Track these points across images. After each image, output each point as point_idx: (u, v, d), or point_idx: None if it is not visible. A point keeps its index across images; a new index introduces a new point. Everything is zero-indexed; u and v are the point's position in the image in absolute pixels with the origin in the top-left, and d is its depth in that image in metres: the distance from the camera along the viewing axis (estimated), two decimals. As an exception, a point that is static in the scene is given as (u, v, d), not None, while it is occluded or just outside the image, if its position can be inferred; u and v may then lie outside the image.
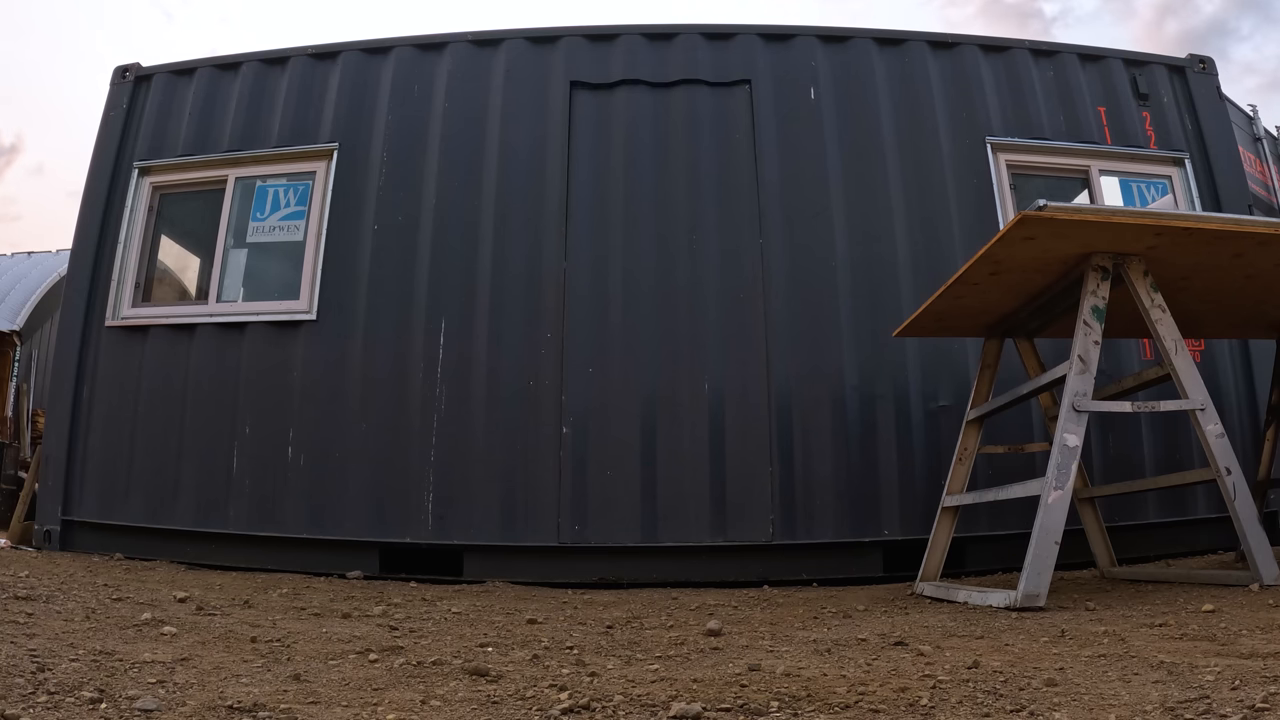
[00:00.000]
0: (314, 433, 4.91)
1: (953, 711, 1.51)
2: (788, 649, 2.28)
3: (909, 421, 4.78)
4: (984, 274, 3.29)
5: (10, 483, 9.93)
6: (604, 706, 1.62)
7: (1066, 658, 1.93)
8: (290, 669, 1.97)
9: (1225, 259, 3.09)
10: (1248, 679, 1.59)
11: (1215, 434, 3.00)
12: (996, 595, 2.96)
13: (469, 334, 4.93)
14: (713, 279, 4.95)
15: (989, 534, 4.53)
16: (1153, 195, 5.40)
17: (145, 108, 5.72)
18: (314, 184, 5.36)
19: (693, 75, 5.31)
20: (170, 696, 1.65)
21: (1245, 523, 2.90)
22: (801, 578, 4.51)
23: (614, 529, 4.63)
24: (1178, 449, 4.87)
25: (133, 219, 5.51)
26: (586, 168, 5.17)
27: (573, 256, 5.02)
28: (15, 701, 1.53)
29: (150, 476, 5.04)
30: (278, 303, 5.22)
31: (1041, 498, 2.93)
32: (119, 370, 5.25)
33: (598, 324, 4.91)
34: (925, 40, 5.44)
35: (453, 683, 1.86)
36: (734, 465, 4.69)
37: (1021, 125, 5.32)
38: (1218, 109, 5.55)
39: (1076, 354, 3.02)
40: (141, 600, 3.07)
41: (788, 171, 5.13)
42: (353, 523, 4.76)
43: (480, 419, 4.81)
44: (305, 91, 5.50)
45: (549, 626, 2.90)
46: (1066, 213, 2.80)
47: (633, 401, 4.78)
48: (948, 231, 5.06)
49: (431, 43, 5.50)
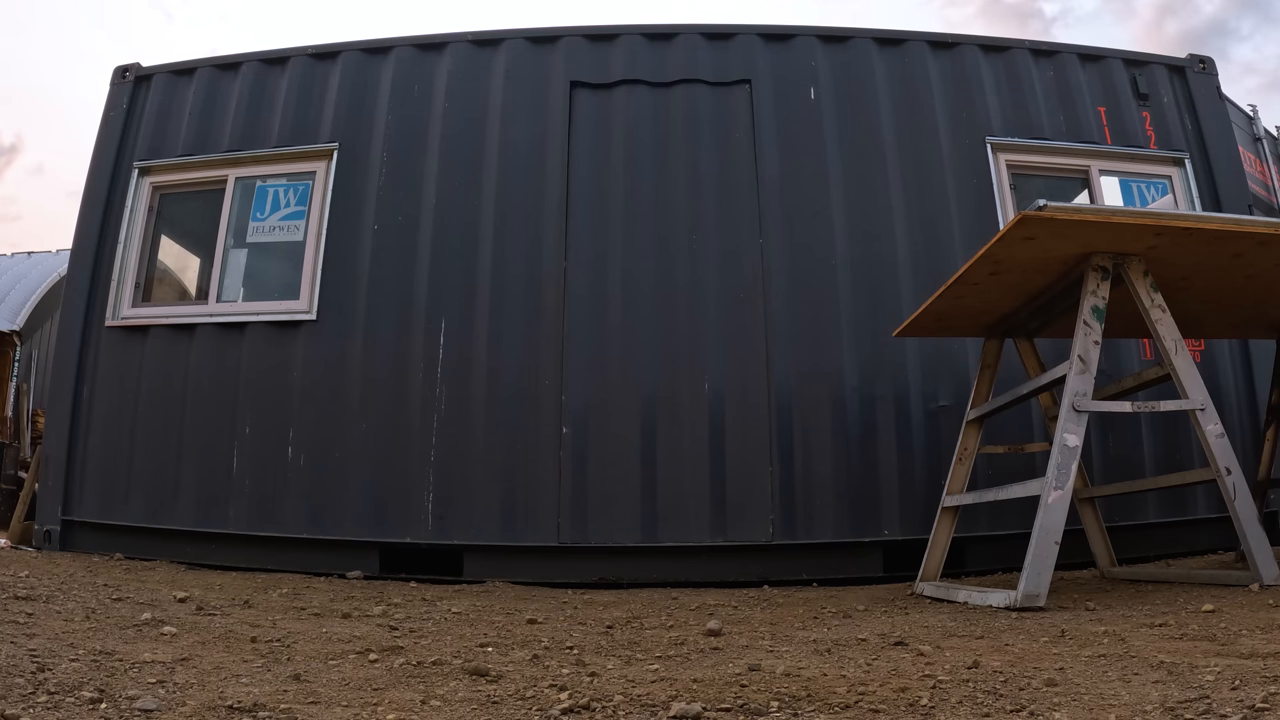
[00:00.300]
0: (314, 433, 4.91)
1: (953, 711, 1.51)
2: (788, 649, 2.28)
3: (909, 421, 4.78)
4: (984, 274, 3.29)
5: (10, 483, 9.93)
6: (604, 706, 1.62)
7: (1066, 658, 1.93)
8: (290, 669, 1.97)
9: (1225, 259, 3.08)
10: (1248, 679, 1.59)
11: (1215, 434, 3.00)
12: (996, 595, 2.96)
13: (469, 334, 4.94)
14: (713, 279, 4.95)
15: (989, 534, 4.53)
16: (1153, 195, 5.40)
17: (145, 108, 5.72)
18: (314, 184, 5.35)
19: (693, 75, 5.31)
20: (170, 696, 1.65)
21: (1245, 523, 2.90)
22: (801, 578, 4.51)
23: (614, 529, 4.63)
24: (1178, 449, 4.87)
25: (133, 219, 5.51)
26: (586, 167, 5.17)
27: (573, 256, 5.02)
28: (15, 701, 1.53)
29: (150, 476, 5.04)
30: (278, 303, 5.22)
31: (1041, 498, 2.93)
32: (119, 370, 5.25)
33: (598, 324, 4.91)
34: (925, 40, 5.44)
35: (453, 683, 1.86)
36: (734, 465, 4.69)
37: (1021, 125, 5.32)
38: (1218, 109, 5.55)
39: (1076, 354, 3.02)
40: (141, 600, 3.07)
41: (788, 171, 5.13)
42: (353, 523, 4.76)
43: (480, 419, 4.81)
44: (305, 91, 5.50)
45: (549, 626, 2.90)
46: (1066, 213, 2.80)
47: (633, 401, 4.78)
48: (948, 231, 5.06)
49: (431, 43, 5.50)
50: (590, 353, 4.86)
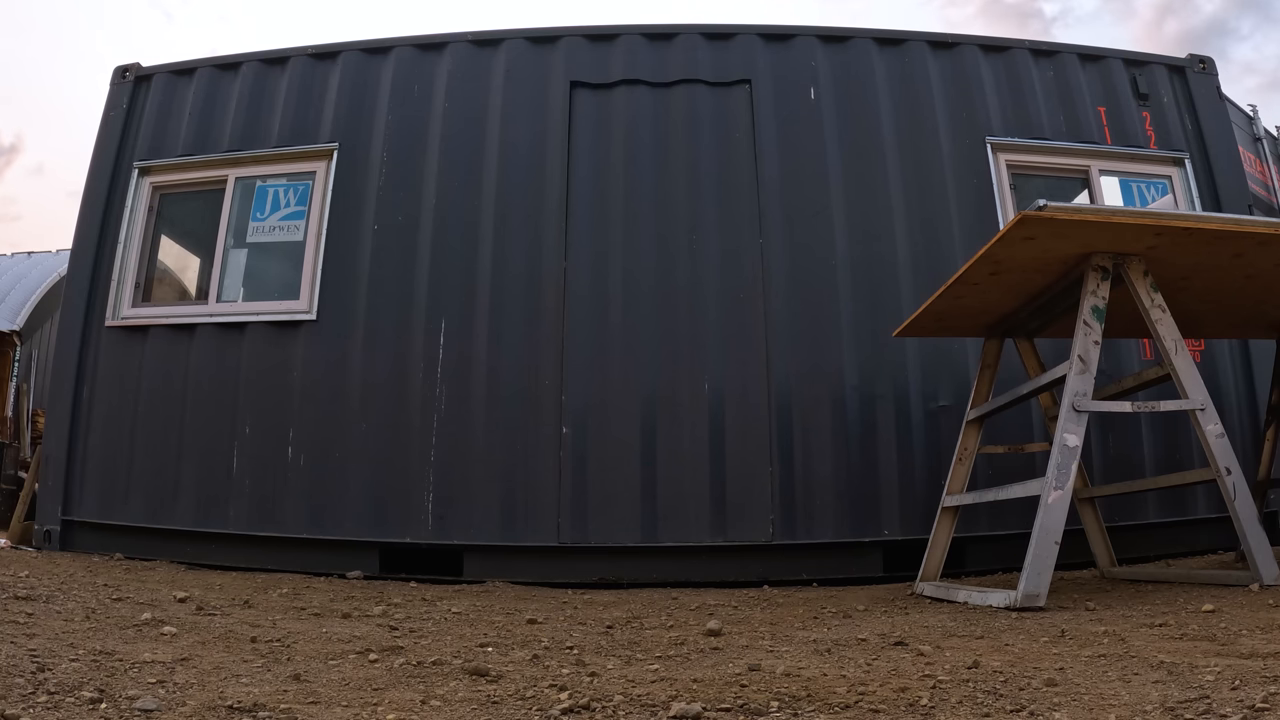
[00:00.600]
0: (314, 432, 4.91)
1: (953, 711, 1.51)
2: (788, 649, 2.28)
3: (909, 421, 4.78)
4: (984, 274, 3.29)
5: (10, 483, 9.93)
6: (604, 706, 1.62)
7: (1066, 658, 1.93)
8: (290, 669, 1.97)
9: (1225, 259, 3.08)
10: (1248, 679, 1.59)
11: (1215, 434, 3.00)
12: (996, 595, 2.96)
13: (469, 333, 4.94)
14: (713, 279, 4.95)
15: (989, 534, 4.53)
16: (1153, 195, 5.40)
17: (145, 108, 5.72)
18: (314, 184, 5.36)
19: (693, 75, 5.31)
20: (170, 696, 1.65)
21: (1245, 523, 2.90)
22: (801, 578, 4.51)
23: (614, 529, 4.63)
24: (1178, 449, 4.87)
25: (133, 219, 5.51)
26: (586, 167, 5.17)
27: (573, 256, 5.02)
28: (15, 701, 1.53)
29: (150, 476, 5.04)
30: (278, 303, 5.22)
31: (1041, 498, 2.93)
32: (119, 370, 5.25)
33: (598, 324, 4.91)
34: (925, 40, 5.44)
35: (453, 683, 1.86)
36: (734, 465, 4.69)
37: (1021, 125, 5.32)
38: (1218, 109, 5.55)
39: (1076, 354, 3.02)
40: (141, 600, 3.07)
41: (787, 171, 5.13)
42: (353, 523, 4.76)
43: (480, 419, 4.81)
44: (305, 91, 5.50)
45: (549, 626, 2.90)
46: (1066, 213, 2.80)
47: (633, 401, 4.78)
48: (948, 231, 5.06)
49: (431, 43, 5.50)
50: (590, 353, 4.86)
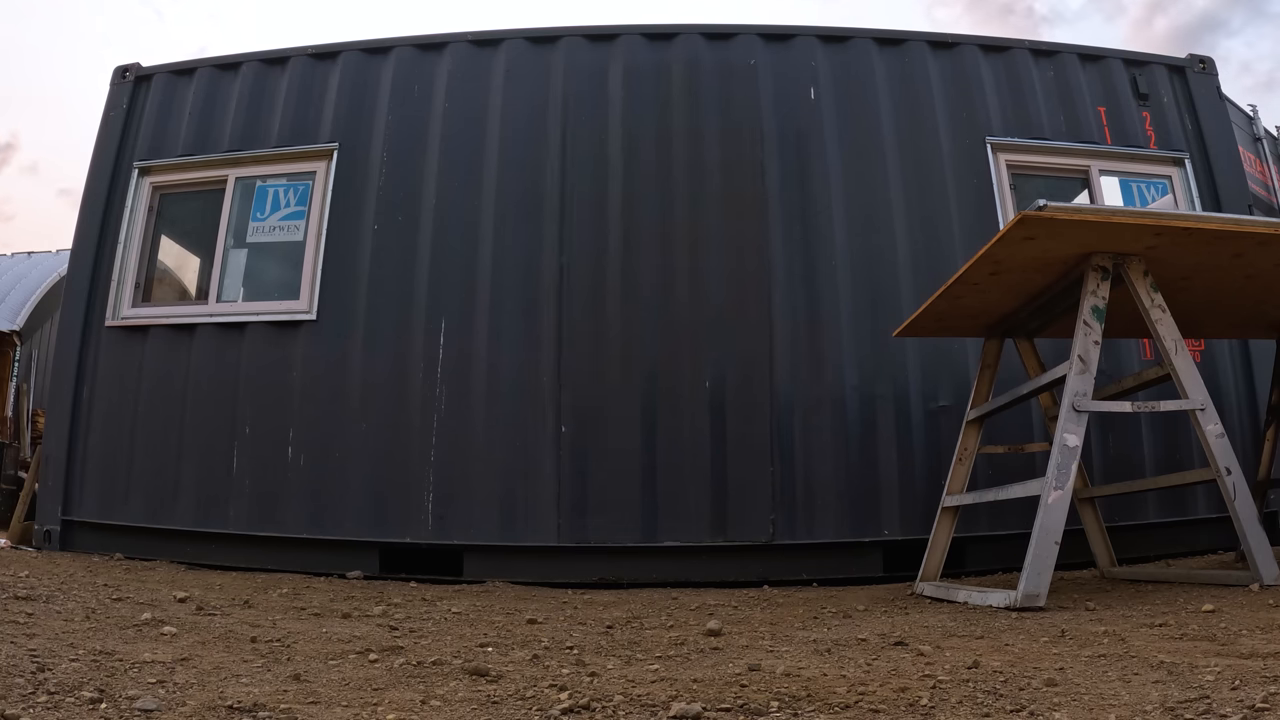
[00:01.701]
0: (314, 432, 4.91)
1: (953, 711, 1.51)
2: (788, 649, 2.28)
3: (909, 421, 4.78)
4: (984, 274, 3.29)
5: (10, 483, 9.93)
6: (604, 706, 1.62)
7: (1066, 658, 1.93)
8: (290, 669, 1.97)
9: (1225, 259, 3.08)
10: (1248, 679, 1.59)
11: (1215, 434, 3.00)
12: (996, 595, 2.96)
13: (469, 333, 4.93)
14: (712, 277, 4.95)
15: (989, 534, 4.53)
16: (1153, 195, 5.40)
17: (145, 108, 5.72)
18: (314, 184, 5.35)
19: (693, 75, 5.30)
20: (170, 696, 1.65)
21: (1245, 523, 2.90)
22: (801, 578, 4.51)
23: (614, 529, 4.63)
24: (1178, 449, 4.87)
25: (133, 219, 5.51)
26: (586, 166, 5.17)
27: (573, 255, 5.01)
28: (15, 701, 1.53)
29: (150, 476, 5.04)
30: (277, 303, 5.22)
31: (1041, 498, 2.93)
32: (119, 370, 5.25)
33: (598, 323, 4.90)
34: (925, 40, 5.44)
35: (453, 683, 1.86)
36: (734, 465, 4.69)
37: (1021, 125, 5.32)
38: (1218, 109, 5.55)
39: (1076, 354, 3.02)
40: (141, 600, 3.07)
41: (787, 170, 5.12)
42: (353, 523, 4.76)
43: (480, 419, 4.81)
44: (305, 91, 5.50)
45: (549, 626, 2.90)
46: (1066, 213, 2.80)
47: (632, 400, 4.78)
48: (948, 231, 5.06)
49: (431, 43, 5.50)
50: (590, 351, 4.86)
